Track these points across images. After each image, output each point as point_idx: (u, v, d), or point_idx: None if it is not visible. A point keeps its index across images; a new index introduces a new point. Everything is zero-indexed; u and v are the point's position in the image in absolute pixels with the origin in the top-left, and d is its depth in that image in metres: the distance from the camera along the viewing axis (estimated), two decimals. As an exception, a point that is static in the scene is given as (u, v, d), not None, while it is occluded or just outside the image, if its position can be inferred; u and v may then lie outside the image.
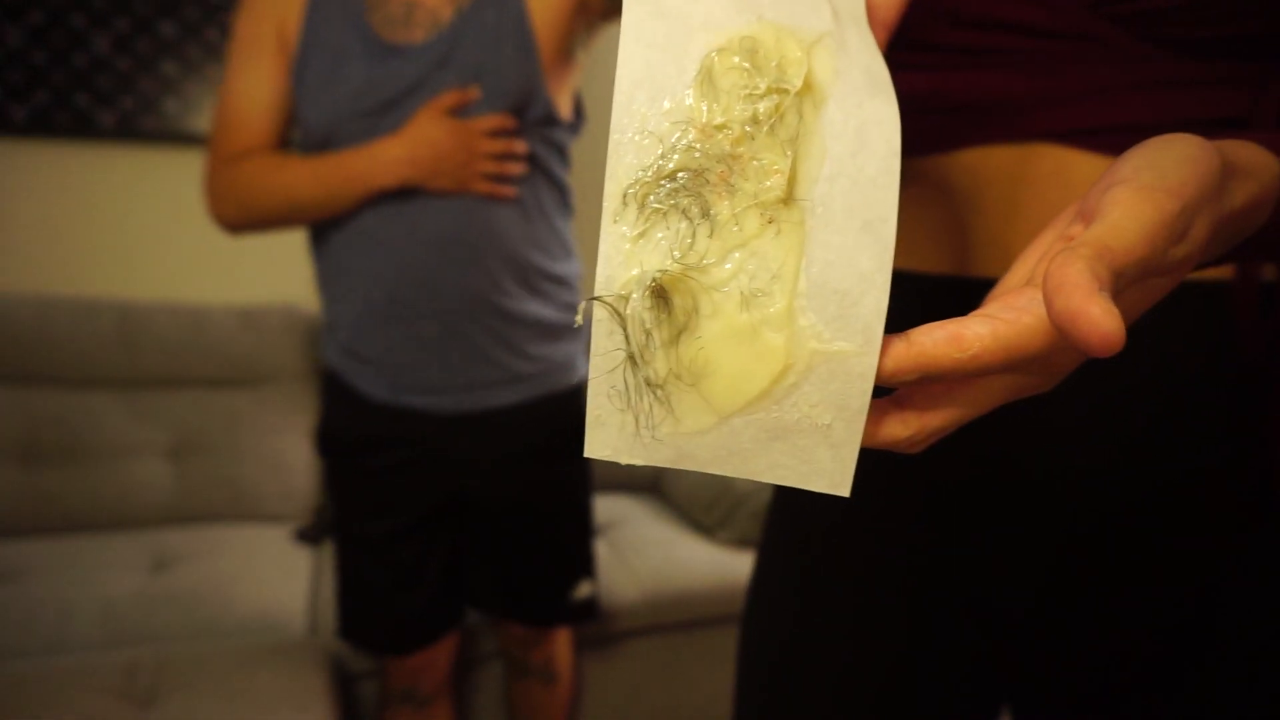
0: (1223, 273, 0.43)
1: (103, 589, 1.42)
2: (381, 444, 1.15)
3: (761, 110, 0.28)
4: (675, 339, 0.28)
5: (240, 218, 1.08)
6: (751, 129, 0.28)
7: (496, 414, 1.14)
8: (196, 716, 1.09)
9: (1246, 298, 0.42)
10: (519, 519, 1.21)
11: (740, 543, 1.76)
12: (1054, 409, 0.46)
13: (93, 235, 1.92)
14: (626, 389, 0.28)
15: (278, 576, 1.53)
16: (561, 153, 1.14)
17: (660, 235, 0.28)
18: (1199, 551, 0.46)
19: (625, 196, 0.28)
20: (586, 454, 0.29)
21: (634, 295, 0.28)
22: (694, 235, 0.28)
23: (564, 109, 1.11)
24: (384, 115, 1.01)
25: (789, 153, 0.28)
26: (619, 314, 0.28)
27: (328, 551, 1.69)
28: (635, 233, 0.28)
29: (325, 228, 1.08)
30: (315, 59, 1.02)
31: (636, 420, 0.29)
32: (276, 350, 1.86)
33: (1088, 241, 0.25)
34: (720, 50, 0.28)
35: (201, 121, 1.94)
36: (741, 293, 0.28)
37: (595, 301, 0.28)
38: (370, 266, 1.05)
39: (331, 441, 1.20)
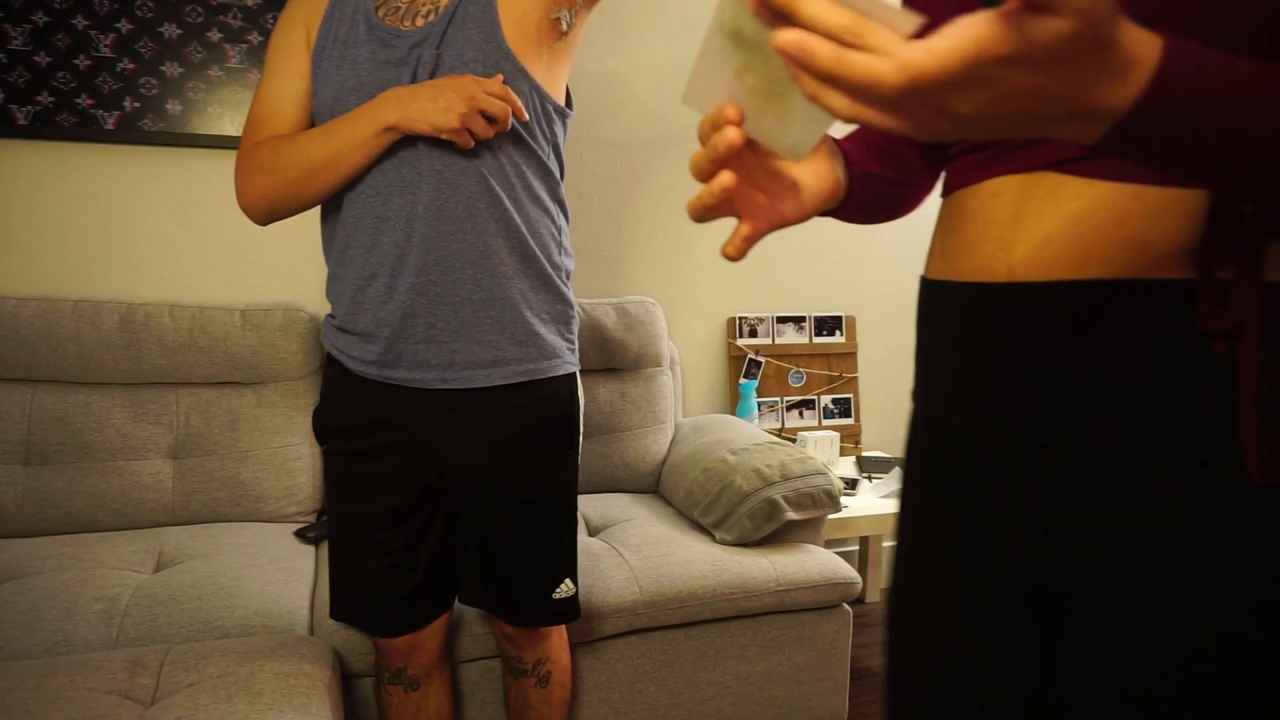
0: (1185, 273, 0.51)
1: (105, 588, 1.43)
2: (372, 424, 1.21)
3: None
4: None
5: (265, 190, 1.15)
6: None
7: (481, 396, 1.19)
8: (198, 715, 1.10)
9: (1206, 292, 0.50)
10: (505, 513, 1.24)
11: (740, 543, 1.77)
12: (1045, 406, 0.57)
13: (95, 236, 1.93)
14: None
15: (279, 576, 1.54)
16: (551, 134, 1.20)
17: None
18: (1164, 532, 0.53)
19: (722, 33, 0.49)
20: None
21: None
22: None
23: (554, 91, 1.20)
24: (381, 89, 1.13)
25: None
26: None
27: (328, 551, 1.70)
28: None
29: (336, 208, 1.18)
30: (330, 48, 1.16)
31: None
32: (278, 350, 1.86)
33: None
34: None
35: (203, 123, 1.95)
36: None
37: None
38: (369, 240, 1.15)
39: (325, 423, 1.26)
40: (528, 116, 1.13)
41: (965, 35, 0.37)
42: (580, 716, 1.63)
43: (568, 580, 1.31)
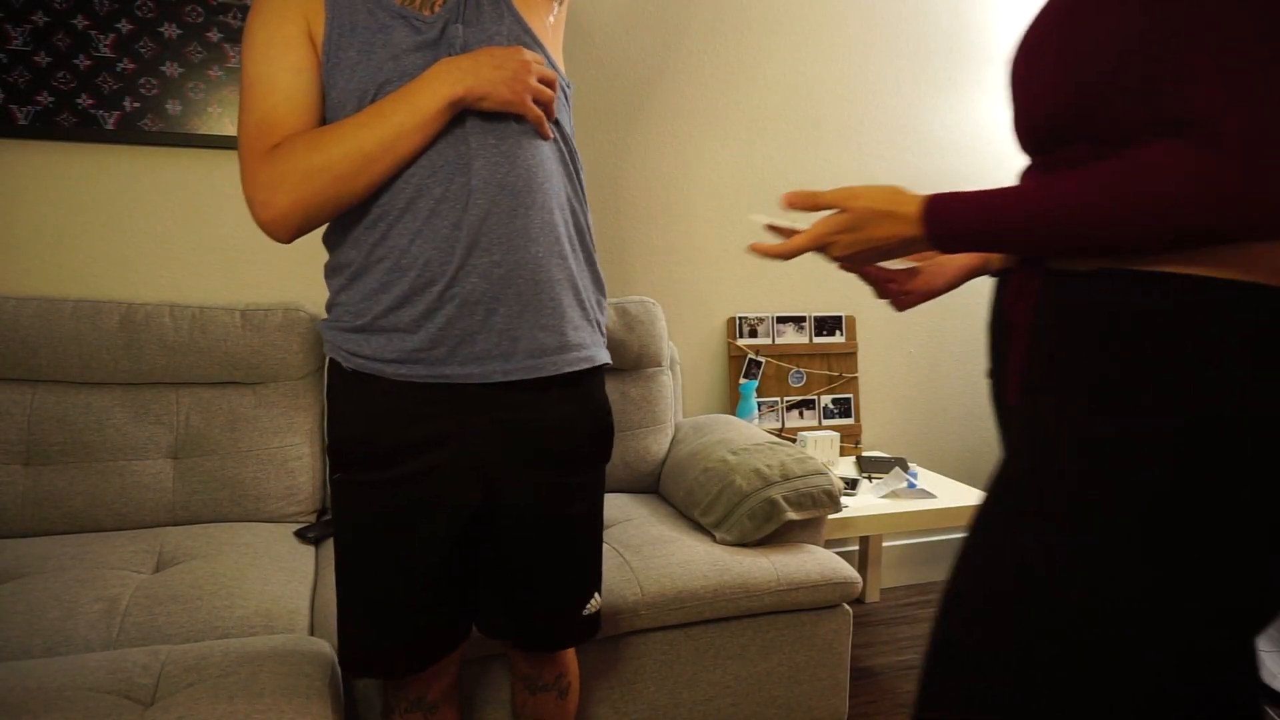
0: (1010, 262, 0.87)
1: (105, 588, 1.43)
2: (408, 448, 1.09)
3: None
4: None
5: (301, 197, 1.01)
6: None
7: (536, 398, 1.11)
8: (198, 715, 1.10)
9: (1012, 281, 0.84)
10: (544, 532, 1.16)
11: (740, 543, 1.77)
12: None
13: (95, 236, 1.93)
14: None
15: (279, 576, 1.54)
16: (569, 111, 1.19)
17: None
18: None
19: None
20: None
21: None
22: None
23: (560, 65, 1.20)
24: (420, 71, 1.06)
25: None
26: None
27: (329, 551, 1.70)
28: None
29: (369, 202, 1.06)
30: (348, 37, 1.05)
31: None
32: (278, 350, 1.87)
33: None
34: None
35: (203, 123, 1.95)
36: None
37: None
38: (418, 225, 1.04)
39: (349, 450, 1.10)
40: (559, 85, 1.11)
41: (813, 228, 0.88)
42: (580, 717, 1.63)
43: (596, 594, 1.25)
